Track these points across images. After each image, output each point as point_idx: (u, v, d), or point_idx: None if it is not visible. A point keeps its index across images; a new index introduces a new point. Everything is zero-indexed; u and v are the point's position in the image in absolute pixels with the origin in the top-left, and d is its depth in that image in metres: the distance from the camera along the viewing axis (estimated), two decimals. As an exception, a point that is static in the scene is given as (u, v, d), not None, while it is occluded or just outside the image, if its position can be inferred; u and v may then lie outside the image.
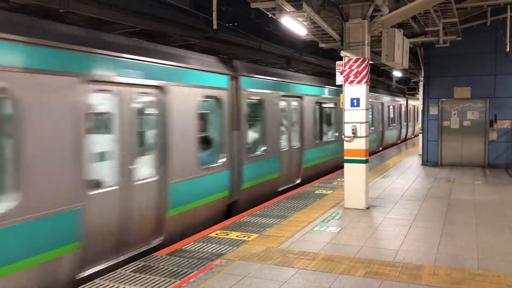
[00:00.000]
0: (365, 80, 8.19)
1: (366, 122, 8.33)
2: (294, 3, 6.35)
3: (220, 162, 8.12)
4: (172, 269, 5.37)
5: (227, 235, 6.78)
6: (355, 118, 8.29)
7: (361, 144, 8.30)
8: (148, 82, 6.23)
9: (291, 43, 11.58)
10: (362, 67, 8.18)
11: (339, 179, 11.78)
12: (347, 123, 8.37)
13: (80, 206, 5.13)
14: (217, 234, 6.84)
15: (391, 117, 23.19)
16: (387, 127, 22.19)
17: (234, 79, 8.59)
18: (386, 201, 9.11)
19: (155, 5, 7.21)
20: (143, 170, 6.30)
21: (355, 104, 8.26)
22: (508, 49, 11.63)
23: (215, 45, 9.37)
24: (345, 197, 8.54)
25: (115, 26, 6.89)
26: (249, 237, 6.65)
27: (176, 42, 8.06)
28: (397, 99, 25.17)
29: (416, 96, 30.33)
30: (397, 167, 14.35)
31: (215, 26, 6.98)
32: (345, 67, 8.32)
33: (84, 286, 4.89)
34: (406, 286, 4.74)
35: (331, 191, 10.20)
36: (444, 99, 14.63)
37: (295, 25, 7.17)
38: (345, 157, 8.46)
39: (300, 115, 11.80)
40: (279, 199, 9.44)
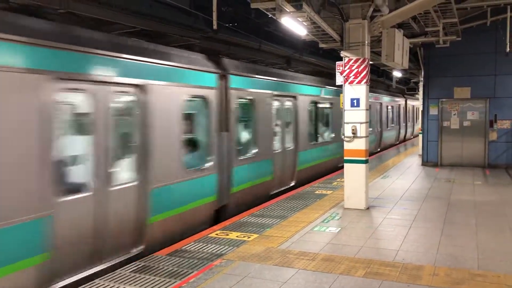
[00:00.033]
0: (365, 81, 8.19)
1: (366, 122, 8.34)
2: (294, 3, 6.36)
3: (207, 165, 7.73)
4: (172, 269, 5.37)
5: (227, 235, 6.78)
6: (355, 118, 8.30)
7: (361, 144, 8.31)
8: (126, 80, 5.88)
9: (291, 43, 11.59)
10: (362, 67, 8.18)
11: (339, 179, 11.78)
12: (347, 123, 8.38)
13: (48, 214, 4.78)
14: (217, 234, 6.84)
15: (389, 117, 22.97)
16: (385, 128, 21.96)
17: (223, 78, 8.22)
18: (386, 201, 9.11)
19: (155, 5, 7.21)
20: (121, 175, 5.93)
21: (355, 104, 8.27)
22: (508, 49, 11.63)
23: (215, 45, 9.38)
24: (345, 198, 8.54)
25: (115, 26, 6.91)
26: (249, 237, 6.65)
27: (176, 42, 8.07)
28: (396, 99, 24.95)
29: (415, 96, 30.25)
30: (397, 167, 14.35)
31: (215, 27, 6.97)
32: (345, 67, 8.32)
33: (84, 286, 4.89)
34: (406, 287, 4.74)
35: (331, 191, 10.20)
36: (444, 99, 14.64)
37: (295, 25, 7.18)
38: (345, 157, 8.47)
39: (294, 116, 11.45)
40: (279, 199, 9.44)
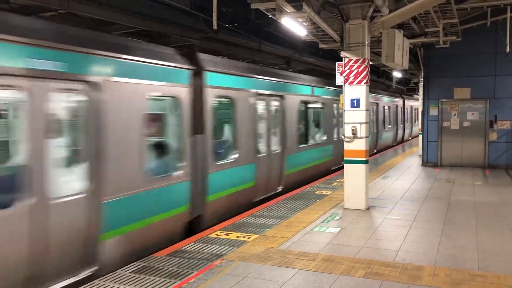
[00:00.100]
0: (365, 81, 8.20)
1: (366, 122, 8.35)
2: (294, 3, 6.37)
3: (177, 171, 6.94)
4: (172, 269, 5.37)
5: (227, 235, 6.78)
6: (355, 119, 8.30)
7: (361, 145, 8.32)
8: (73, 76, 5.11)
9: (291, 43, 11.60)
10: (362, 67, 8.18)
11: (339, 180, 11.78)
12: (347, 123, 8.39)
13: None
14: (217, 234, 6.84)
15: (386, 118, 22.52)
16: (382, 129, 21.47)
17: (198, 75, 7.44)
18: (386, 201, 9.11)
19: (155, 6, 7.22)
20: (66, 185, 5.16)
21: (355, 105, 8.27)
22: (508, 49, 11.64)
23: (215, 45, 9.40)
24: (345, 198, 8.54)
25: (115, 26, 6.92)
26: (249, 237, 6.65)
27: (176, 42, 8.09)
28: (393, 99, 24.46)
29: (414, 96, 30.07)
30: (397, 168, 14.36)
31: (215, 27, 6.97)
32: (345, 68, 8.32)
33: (84, 286, 4.90)
34: (406, 287, 4.75)
35: (331, 192, 10.20)
36: (444, 100, 14.64)
37: (295, 25, 7.18)
38: (345, 158, 8.47)
39: (282, 117, 10.70)
40: (279, 199, 9.44)
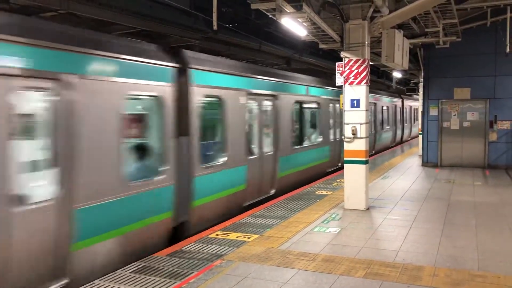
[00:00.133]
0: (365, 81, 8.20)
1: (366, 123, 8.35)
2: (294, 4, 6.37)
3: (160, 175, 6.55)
4: (172, 269, 5.37)
5: (227, 235, 6.78)
6: (355, 119, 8.30)
7: (361, 145, 8.32)
8: (39, 73, 4.72)
9: (291, 44, 11.60)
10: (362, 68, 8.19)
11: (339, 180, 11.78)
12: (347, 124, 8.39)
13: None
14: (217, 235, 6.84)
15: (384, 118, 22.19)
16: (380, 129, 21.13)
17: (183, 73, 7.07)
18: (386, 202, 9.11)
19: (155, 6, 7.22)
20: (32, 192, 4.78)
21: (355, 105, 8.27)
22: (508, 50, 11.64)
23: (215, 46, 9.41)
24: (345, 198, 8.54)
25: (115, 27, 6.93)
26: (249, 238, 6.65)
27: (176, 42, 8.09)
28: (392, 99, 24.16)
29: (413, 96, 29.99)
30: (397, 168, 14.36)
31: (215, 27, 6.98)
32: (345, 68, 8.32)
33: (85, 286, 4.90)
34: (406, 287, 4.75)
35: (331, 192, 10.20)
36: (444, 100, 14.64)
37: (295, 26, 7.18)
38: (345, 158, 8.48)
39: (275, 117, 10.31)
40: (279, 199, 9.44)
